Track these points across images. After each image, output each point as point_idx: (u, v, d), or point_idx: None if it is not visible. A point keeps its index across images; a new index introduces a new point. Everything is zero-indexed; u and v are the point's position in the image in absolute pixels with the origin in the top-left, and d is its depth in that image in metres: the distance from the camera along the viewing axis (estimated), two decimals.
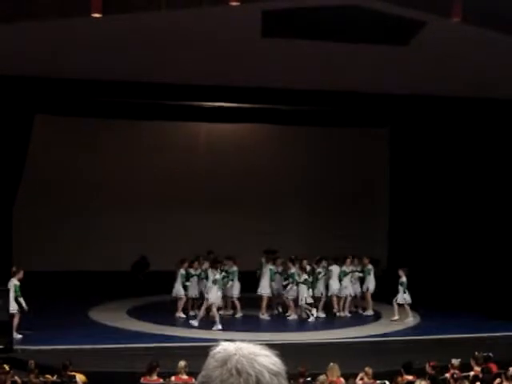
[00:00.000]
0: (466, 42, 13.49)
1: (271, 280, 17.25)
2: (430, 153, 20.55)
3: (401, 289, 16.80)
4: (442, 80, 15.19)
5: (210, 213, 21.04)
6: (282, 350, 2.18)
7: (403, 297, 16.76)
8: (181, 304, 16.86)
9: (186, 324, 16.24)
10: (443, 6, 12.03)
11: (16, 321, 13.78)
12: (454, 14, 12.00)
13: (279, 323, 16.97)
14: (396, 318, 16.78)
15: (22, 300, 13.80)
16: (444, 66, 14.54)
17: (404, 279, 16.86)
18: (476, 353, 12.04)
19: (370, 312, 17.88)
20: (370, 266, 17.92)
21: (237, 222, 21.05)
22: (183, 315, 16.85)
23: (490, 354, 12.14)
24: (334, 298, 17.67)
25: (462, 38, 13.34)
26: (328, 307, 17.70)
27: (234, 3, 11.02)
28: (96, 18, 11.22)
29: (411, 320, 16.81)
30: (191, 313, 16.95)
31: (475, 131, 18.44)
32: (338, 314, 17.56)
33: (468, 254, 18.86)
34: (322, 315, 17.41)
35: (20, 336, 13.86)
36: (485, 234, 18.38)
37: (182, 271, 16.76)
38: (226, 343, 1.85)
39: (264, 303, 17.23)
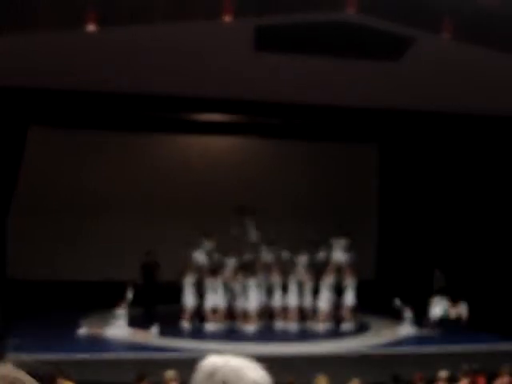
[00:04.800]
0: (456, 58, 13.60)
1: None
2: (419, 168, 20.63)
3: (406, 322, 17.09)
4: (432, 96, 15.29)
5: (207, 224, 21.04)
6: (270, 362, 2.26)
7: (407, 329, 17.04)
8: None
9: (176, 334, 16.29)
10: (433, 22, 12.15)
11: None
12: (444, 30, 12.12)
13: (267, 334, 17.01)
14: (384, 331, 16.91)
15: None
16: (434, 82, 14.65)
17: (410, 315, 17.13)
18: (464, 365, 12.09)
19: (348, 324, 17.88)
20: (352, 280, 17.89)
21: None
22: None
23: (478, 367, 12.20)
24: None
25: (453, 55, 13.45)
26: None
27: (228, 18, 11.13)
28: (92, 30, 11.29)
29: (399, 332, 16.93)
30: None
31: (466, 148, 18.53)
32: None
33: (458, 269, 18.95)
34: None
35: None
36: (477, 248, 18.46)
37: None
38: (215, 356, 1.91)
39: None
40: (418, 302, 17.79)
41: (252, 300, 17.24)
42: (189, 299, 17.08)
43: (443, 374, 11.77)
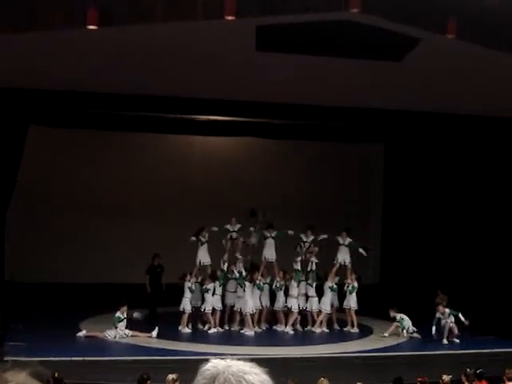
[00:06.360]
0: (460, 58, 13.54)
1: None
2: (425, 168, 20.59)
3: (400, 327, 16.95)
4: (437, 96, 15.24)
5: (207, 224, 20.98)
6: (271, 365, 2.17)
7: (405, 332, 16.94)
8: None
9: (177, 337, 16.20)
10: (437, 22, 12.08)
11: None
12: (448, 30, 12.04)
13: (268, 337, 16.92)
14: (386, 334, 16.82)
15: None
16: (439, 82, 14.60)
17: (398, 317, 16.98)
18: (467, 369, 12.00)
19: (354, 329, 17.73)
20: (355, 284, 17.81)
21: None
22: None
23: (482, 371, 12.10)
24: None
25: (457, 55, 13.40)
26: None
27: (229, 18, 11.06)
28: (92, 30, 11.23)
29: (402, 336, 16.85)
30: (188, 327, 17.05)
31: (471, 148, 18.48)
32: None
33: (460, 272, 18.88)
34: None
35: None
36: (480, 251, 18.38)
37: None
38: (216, 360, 1.88)
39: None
40: (421, 305, 17.74)
41: (249, 304, 17.10)
42: (186, 304, 16.91)
43: (446, 378, 11.68)
